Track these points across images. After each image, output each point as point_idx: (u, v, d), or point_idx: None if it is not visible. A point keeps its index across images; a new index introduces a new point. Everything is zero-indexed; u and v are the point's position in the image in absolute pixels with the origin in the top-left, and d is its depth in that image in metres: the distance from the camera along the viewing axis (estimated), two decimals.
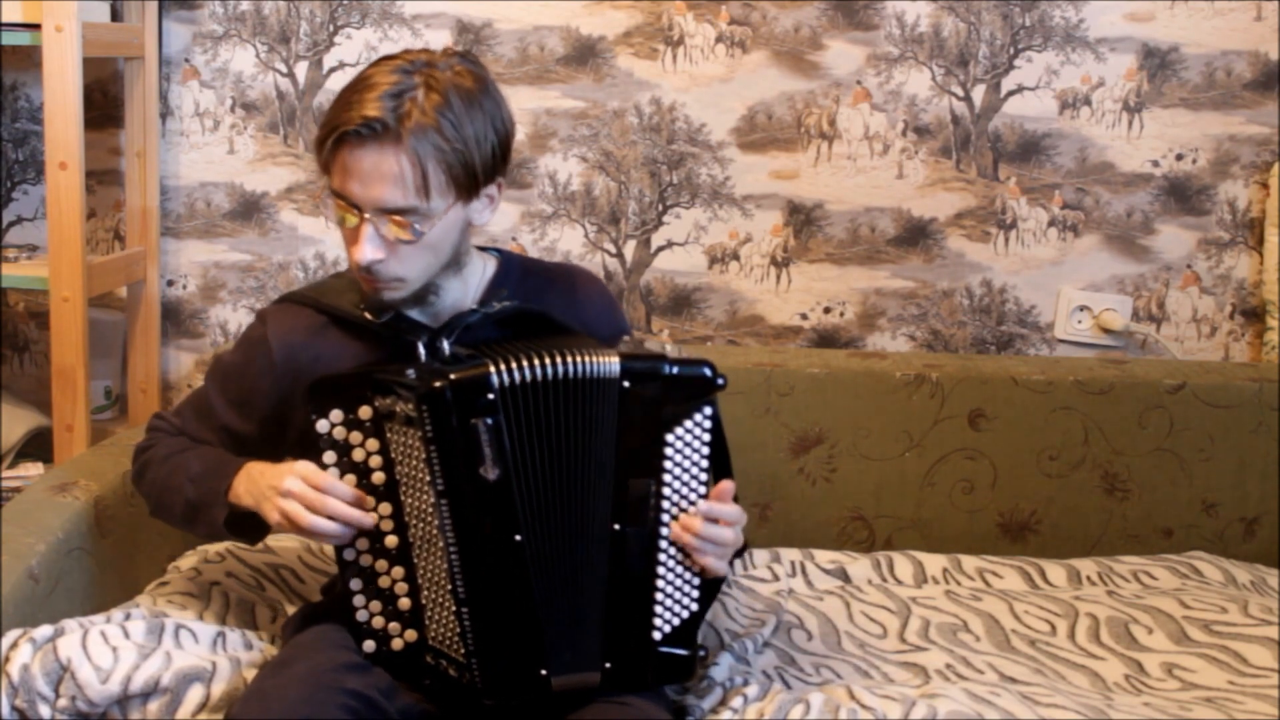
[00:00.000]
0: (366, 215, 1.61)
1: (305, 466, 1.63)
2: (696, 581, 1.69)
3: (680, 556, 1.68)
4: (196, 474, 1.74)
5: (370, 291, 1.69)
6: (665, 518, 1.67)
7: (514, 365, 1.61)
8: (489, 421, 1.59)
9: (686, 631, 1.70)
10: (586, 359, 1.64)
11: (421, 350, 1.68)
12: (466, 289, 1.77)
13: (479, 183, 1.66)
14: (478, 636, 1.62)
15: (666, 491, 1.66)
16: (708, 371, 1.66)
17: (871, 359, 2.48)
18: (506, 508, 1.61)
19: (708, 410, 1.67)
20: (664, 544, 1.67)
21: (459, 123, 1.60)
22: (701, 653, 1.74)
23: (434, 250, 1.66)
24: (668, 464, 1.66)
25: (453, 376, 1.58)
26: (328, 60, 2.68)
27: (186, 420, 1.85)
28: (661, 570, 1.68)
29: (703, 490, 1.68)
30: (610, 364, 1.64)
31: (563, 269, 1.92)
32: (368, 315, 1.73)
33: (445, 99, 1.60)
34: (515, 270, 1.83)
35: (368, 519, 1.63)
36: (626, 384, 1.64)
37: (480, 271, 1.79)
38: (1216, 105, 2.64)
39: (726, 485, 1.69)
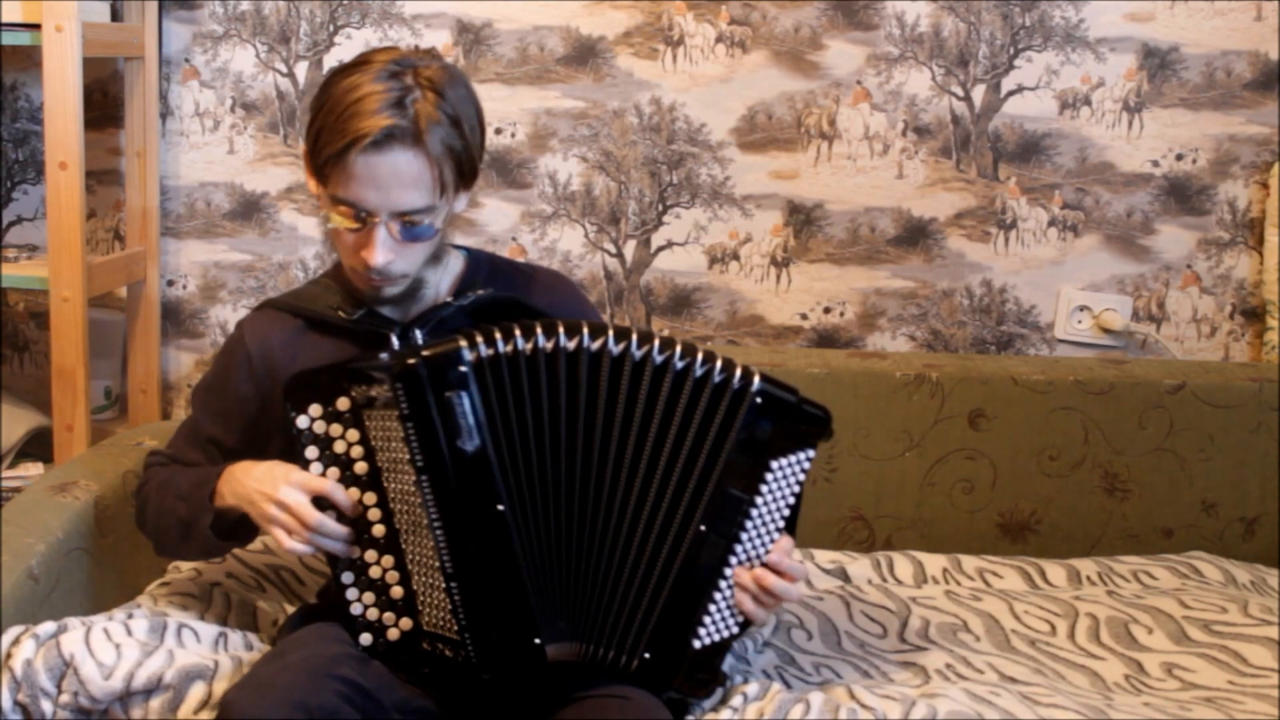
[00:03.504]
0: (379, 218, 1.62)
1: (300, 485, 1.64)
2: None
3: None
4: (184, 491, 1.76)
5: (371, 290, 1.71)
6: (744, 536, 1.70)
7: (490, 339, 1.63)
8: (463, 395, 1.61)
9: (719, 652, 1.73)
10: (704, 360, 1.67)
11: (395, 341, 1.71)
12: (434, 282, 1.79)
13: (476, 172, 1.70)
14: (467, 610, 1.63)
15: (753, 513, 1.70)
16: (826, 415, 1.73)
17: (871, 359, 2.48)
18: (486, 479, 1.62)
19: (811, 453, 1.73)
20: (733, 560, 1.70)
21: (457, 116, 1.64)
22: (723, 677, 1.78)
23: (432, 242, 1.70)
24: (763, 487, 1.70)
25: (425, 353, 1.61)
26: (328, 60, 2.68)
27: (178, 448, 1.86)
28: (723, 584, 1.70)
29: (781, 525, 1.72)
30: (747, 378, 1.68)
31: (532, 267, 1.95)
32: (340, 314, 1.75)
33: (441, 95, 1.63)
34: (484, 266, 1.86)
35: (350, 548, 1.66)
36: (760, 400, 1.68)
37: (444, 265, 1.81)
38: (1216, 105, 2.64)
39: (786, 542, 1.72)
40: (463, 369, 1.61)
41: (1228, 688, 1.93)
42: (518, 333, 1.64)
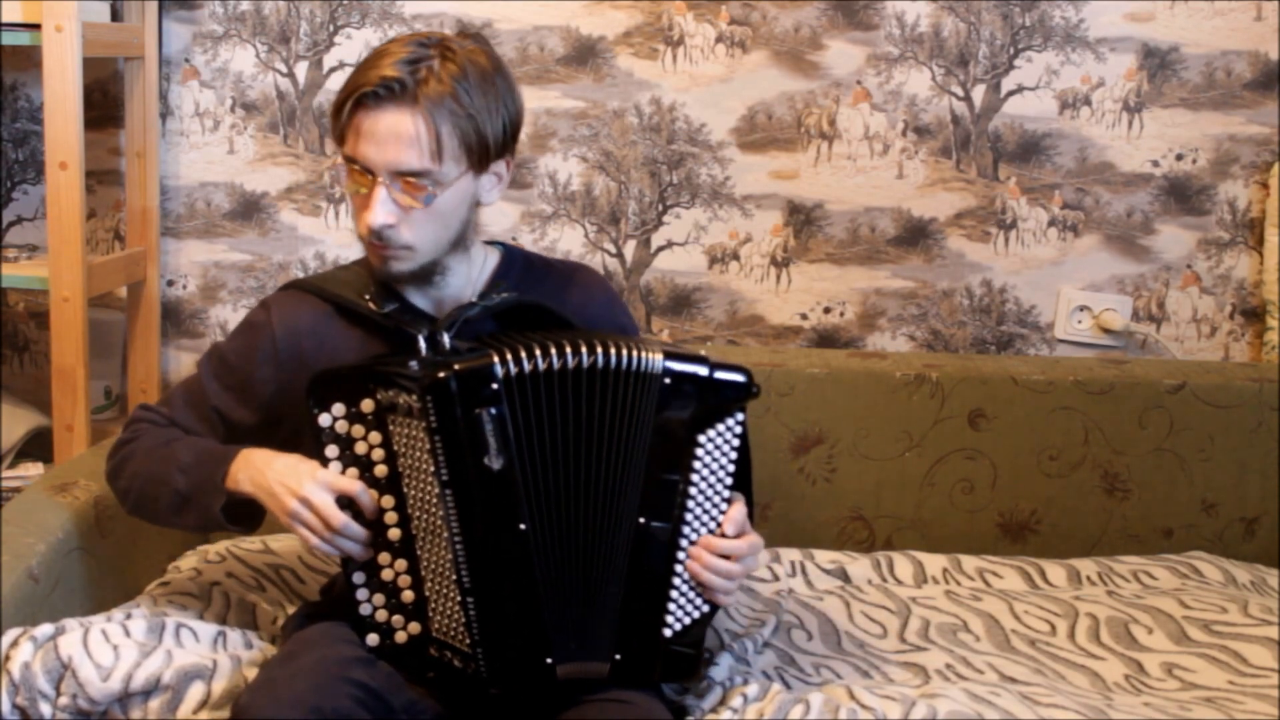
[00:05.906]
0: (380, 179, 1.62)
1: (327, 484, 1.63)
2: None
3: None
4: (187, 464, 1.72)
5: (378, 261, 1.69)
6: (689, 517, 1.69)
7: (519, 355, 1.62)
8: (493, 412, 1.59)
9: (694, 632, 1.72)
10: (614, 351, 1.65)
11: (422, 343, 1.69)
12: (470, 277, 1.77)
13: (490, 155, 1.68)
14: (482, 626, 1.62)
15: (693, 491, 1.69)
16: (745, 378, 1.71)
17: (871, 359, 2.48)
18: (511, 497, 1.62)
19: (739, 416, 1.70)
20: (684, 542, 1.69)
21: (473, 93, 1.64)
22: (706, 655, 1.77)
23: (443, 220, 1.67)
24: (697, 464, 1.68)
25: (457, 367, 1.59)
26: (328, 60, 2.68)
27: (175, 409, 1.82)
28: (679, 569, 1.69)
29: (726, 494, 1.71)
30: (653, 359, 1.66)
31: (567, 265, 1.93)
32: (371, 305, 1.73)
33: (461, 70, 1.63)
34: (518, 264, 1.84)
35: (367, 550, 1.65)
36: (668, 380, 1.67)
37: (482, 262, 1.80)
38: (1216, 105, 2.64)
39: (736, 514, 1.71)
40: (495, 386, 1.60)
41: (1228, 688, 1.93)
42: (540, 349, 1.62)
